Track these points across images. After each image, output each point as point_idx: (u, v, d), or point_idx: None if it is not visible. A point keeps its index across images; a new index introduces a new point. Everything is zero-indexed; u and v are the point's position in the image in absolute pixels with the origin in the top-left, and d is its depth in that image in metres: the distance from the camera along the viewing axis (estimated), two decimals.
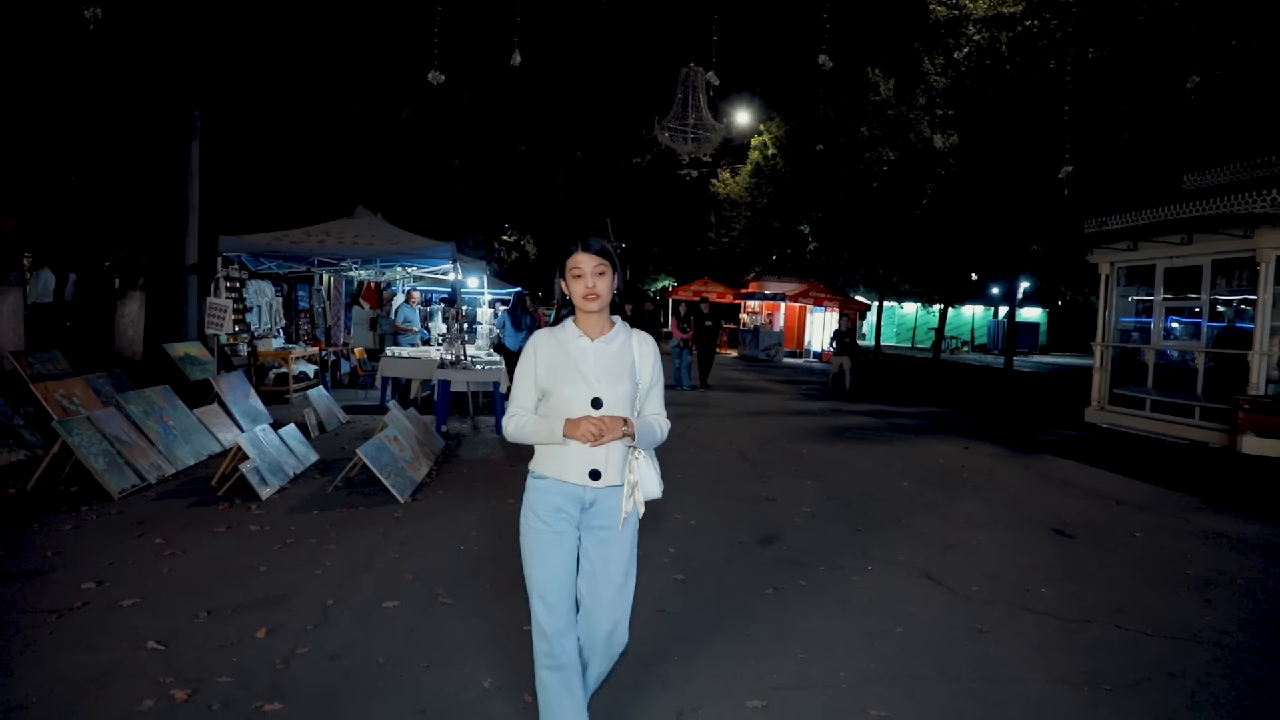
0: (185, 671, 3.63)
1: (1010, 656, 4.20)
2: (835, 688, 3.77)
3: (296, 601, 4.49)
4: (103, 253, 16.34)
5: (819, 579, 5.30)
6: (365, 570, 5.06)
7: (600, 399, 2.70)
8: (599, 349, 2.77)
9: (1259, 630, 4.71)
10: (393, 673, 3.72)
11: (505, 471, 8.05)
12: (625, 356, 2.79)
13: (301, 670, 3.70)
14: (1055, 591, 5.24)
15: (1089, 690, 3.86)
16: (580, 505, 2.76)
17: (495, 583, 4.88)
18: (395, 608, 4.48)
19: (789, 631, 4.39)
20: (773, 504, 7.26)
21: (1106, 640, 4.47)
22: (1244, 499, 8.21)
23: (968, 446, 10.85)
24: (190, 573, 4.88)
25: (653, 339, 2.91)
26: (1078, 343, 38.67)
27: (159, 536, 5.51)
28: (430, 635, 4.13)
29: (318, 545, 5.49)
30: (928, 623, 4.61)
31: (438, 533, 5.93)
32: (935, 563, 5.73)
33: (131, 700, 3.38)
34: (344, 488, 7.06)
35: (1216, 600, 5.21)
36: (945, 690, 3.80)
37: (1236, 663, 4.23)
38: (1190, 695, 3.85)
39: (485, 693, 3.58)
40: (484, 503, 6.79)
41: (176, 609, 4.31)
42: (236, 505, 6.37)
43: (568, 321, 2.83)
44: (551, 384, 2.74)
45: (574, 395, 2.70)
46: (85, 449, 6.47)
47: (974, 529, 6.69)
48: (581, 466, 2.72)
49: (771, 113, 33.60)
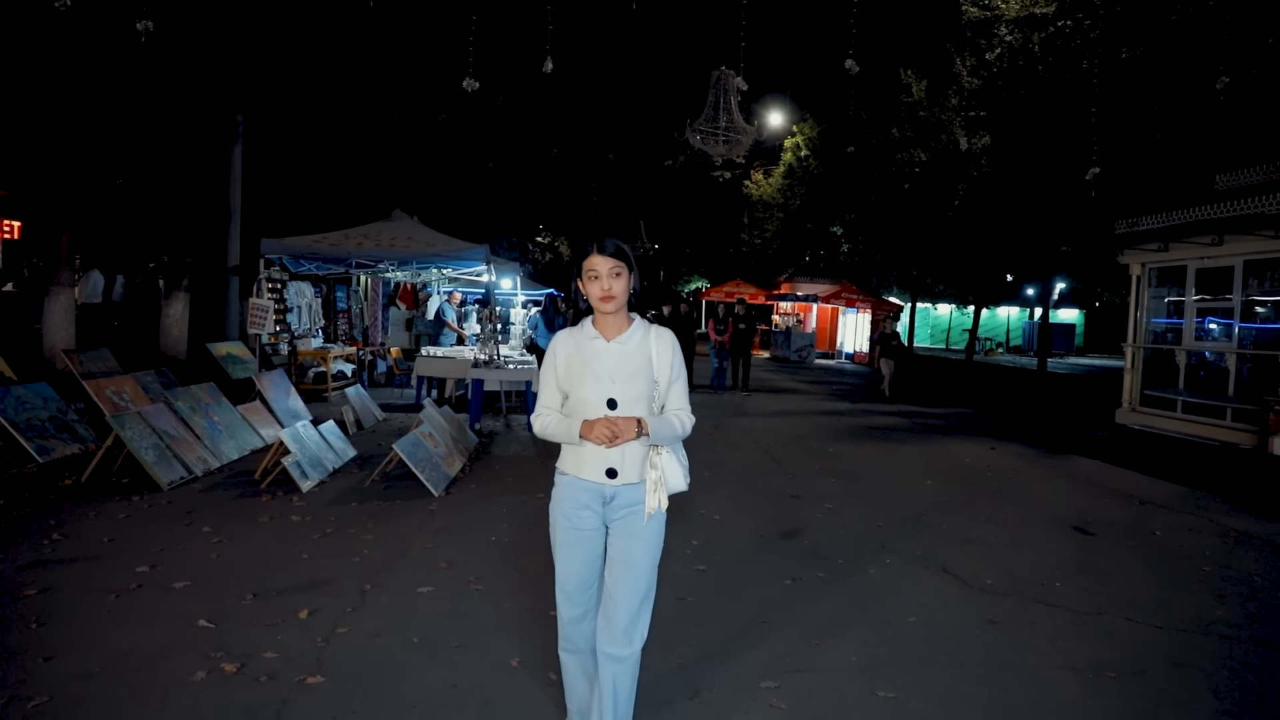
0: (234, 647, 3.89)
1: (1018, 645, 4.34)
2: (846, 671, 3.94)
3: (336, 586, 4.75)
4: (149, 255, 16.87)
5: (837, 571, 5.45)
6: (401, 558, 5.30)
7: (615, 399, 2.77)
8: (614, 349, 2.84)
9: (1270, 625, 4.79)
10: (427, 651, 3.95)
11: (536, 467, 8.27)
12: (641, 355, 2.85)
13: (342, 648, 3.94)
14: (1069, 586, 5.35)
15: (1093, 677, 3.99)
16: (602, 500, 2.85)
17: (524, 571, 5.10)
18: (430, 593, 4.71)
19: (804, 619, 4.56)
20: (796, 500, 7.42)
21: (1115, 631, 4.58)
22: (1270, 500, 8.21)
23: (994, 447, 10.90)
24: (236, 559, 5.16)
25: (672, 335, 2.96)
26: (1114, 344, 38.12)
27: (206, 525, 5.81)
28: (462, 618, 4.36)
29: (356, 534, 5.75)
30: (941, 613, 4.76)
31: (470, 524, 6.16)
32: (953, 557, 5.86)
33: (185, 672, 3.64)
34: (380, 481, 7.32)
35: (1230, 596, 5.29)
36: (952, 675, 3.95)
37: (1244, 656, 4.33)
38: (1193, 684, 3.97)
39: (513, 670, 3.80)
40: (515, 497, 7.02)
41: (224, 591, 4.58)
42: (279, 497, 6.66)
43: (586, 322, 2.92)
44: (570, 385, 2.85)
45: (590, 396, 2.79)
46: (136, 443, 6.80)
47: (994, 526, 6.79)
48: (598, 465, 2.81)
49: (804, 114, 33.63)
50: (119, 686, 3.50)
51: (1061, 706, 3.71)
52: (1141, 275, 12.71)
